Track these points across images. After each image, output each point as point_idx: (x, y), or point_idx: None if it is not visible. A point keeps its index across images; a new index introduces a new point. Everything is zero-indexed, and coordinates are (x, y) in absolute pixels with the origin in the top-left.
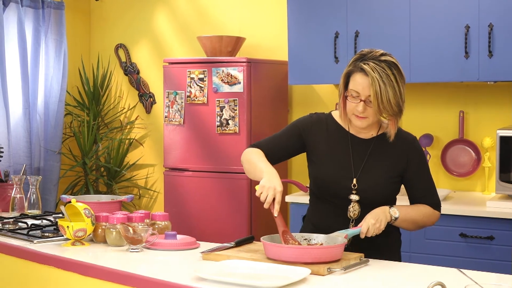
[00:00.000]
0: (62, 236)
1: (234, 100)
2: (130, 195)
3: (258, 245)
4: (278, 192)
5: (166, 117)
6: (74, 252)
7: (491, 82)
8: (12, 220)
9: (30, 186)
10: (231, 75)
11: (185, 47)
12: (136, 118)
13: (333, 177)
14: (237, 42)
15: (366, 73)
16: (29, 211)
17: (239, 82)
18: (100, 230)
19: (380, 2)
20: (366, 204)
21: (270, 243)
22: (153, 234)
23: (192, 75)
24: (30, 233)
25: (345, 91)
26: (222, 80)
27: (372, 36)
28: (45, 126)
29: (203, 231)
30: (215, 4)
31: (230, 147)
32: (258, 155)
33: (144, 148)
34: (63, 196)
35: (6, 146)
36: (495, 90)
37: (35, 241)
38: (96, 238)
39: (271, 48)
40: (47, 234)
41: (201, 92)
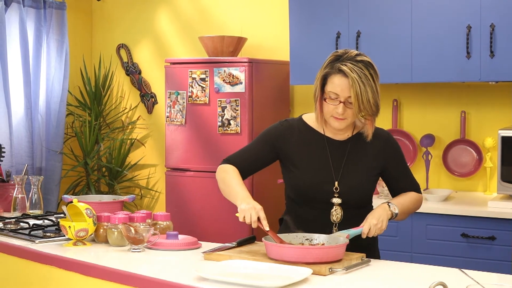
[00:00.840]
0: (64, 236)
1: (235, 100)
2: (131, 195)
3: (259, 245)
4: (259, 209)
5: (167, 117)
6: (76, 252)
7: (493, 82)
8: (13, 220)
9: (32, 186)
10: (233, 75)
11: (186, 47)
12: (137, 118)
13: (314, 182)
14: (238, 42)
15: (345, 74)
16: (30, 211)
17: (241, 82)
18: (101, 230)
19: (382, 2)
20: (348, 206)
21: (272, 243)
22: (154, 234)
23: (193, 75)
24: (32, 233)
25: (321, 94)
26: (223, 80)
27: (373, 36)
28: (46, 126)
29: (205, 231)
30: (217, 4)
31: (231, 147)
32: (232, 175)
33: (145, 148)
34: (65, 196)
35: (8, 146)
36: (497, 90)
37: (37, 241)
38: (97, 238)
39: (273, 48)
40: (49, 234)
41: (202, 92)
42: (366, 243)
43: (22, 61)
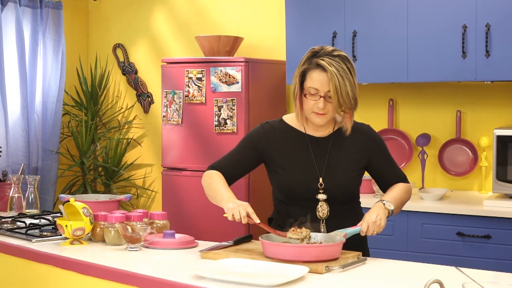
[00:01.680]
0: (61, 235)
1: (232, 99)
2: (128, 195)
3: (256, 243)
4: (247, 205)
5: (164, 116)
6: (73, 251)
7: (488, 82)
8: (10, 219)
9: (28, 185)
10: (229, 75)
11: (183, 47)
12: (134, 118)
13: (299, 181)
14: (235, 42)
15: (324, 69)
16: (27, 211)
17: (237, 82)
18: (98, 229)
19: (378, 2)
20: (333, 201)
21: (269, 242)
22: (151, 233)
23: (190, 75)
24: (29, 232)
25: (301, 90)
26: (220, 79)
27: (369, 36)
28: (43, 125)
29: (201, 230)
30: (213, 4)
31: (228, 147)
32: (217, 179)
33: (142, 147)
34: (62, 195)
35: (4, 145)
36: (492, 89)
37: (34, 240)
38: (94, 237)
39: (269, 48)
40: (46, 233)
41: (199, 91)
42: (355, 241)
43: (18, 60)
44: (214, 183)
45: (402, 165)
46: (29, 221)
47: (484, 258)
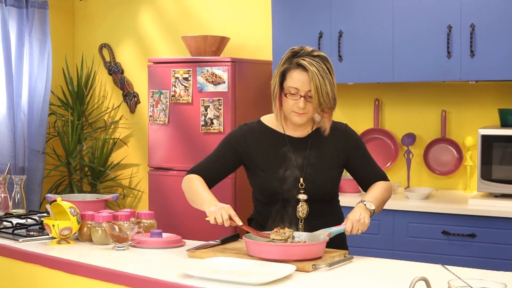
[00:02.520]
0: (48, 235)
1: (218, 99)
2: (115, 194)
3: (243, 242)
4: (228, 208)
5: (150, 116)
6: (60, 250)
7: (473, 82)
8: None
9: (15, 185)
10: (216, 75)
11: (169, 47)
12: (120, 118)
13: (280, 182)
14: (221, 42)
15: (305, 68)
16: (13, 211)
17: (224, 82)
18: (85, 228)
19: (363, 2)
20: (314, 201)
21: (252, 241)
22: (138, 232)
23: (176, 75)
24: (15, 232)
25: (281, 90)
26: (206, 79)
27: (355, 36)
28: (29, 125)
29: (188, 230)
30: (200, 4)
31: (214, 147)
32: (197, 183)
33: (128, 147)
34: (48, 195)
35: None
36: (477, 89)
37: (21, 240)
38: (81, 236)
39: (256, 48)
40: (33, 233)
41: (185, 91)
42: (332, 240)
43: (4, 60)
44: (195, 186)
45: (388, 164)
46: (15, 221)
47: (469, 256)
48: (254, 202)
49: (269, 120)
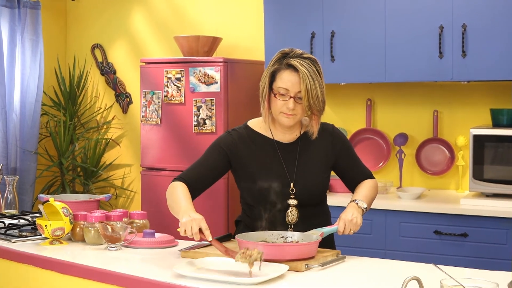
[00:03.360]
0: (40, 235)
1: (211, 99)
2: (108, 194)
3: (236, 242)
4: (200, 220)
5: (143, 117)
6: (53, 251)
7: (465, 82)
8: None
9: (7, 186)
10: (208, 75)
11: (162, 47)
12: (112, 118)
13: (270, 187)
14: (214, 42)
15: (295, 69)
16: (6, 211)
17: (216, 82)
18: (78, 229)
19: (355, 2)
20: (303, 206)
21: (245, 241)
22: (131, 232)
23: (169, 75)
24: (8, 232)
25: (270, 91)
26: (199, 80)
27: (347, 36)
28: (21, 126)
29: None
30: (192, 4)
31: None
32: (178, 190)
33: (121, 148)
34: (41, 195)
35: None
36: (469, 89)
37: (13, 240)
38: (74, 237)
39: (248, 48)
40: (25, 233)
41: (178, 91)
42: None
43: None
44: (176, 193)
45: (380, 164)
46: (8, 221)
47: (461, 256)
48: (242, 205)
49: (256, 124)
